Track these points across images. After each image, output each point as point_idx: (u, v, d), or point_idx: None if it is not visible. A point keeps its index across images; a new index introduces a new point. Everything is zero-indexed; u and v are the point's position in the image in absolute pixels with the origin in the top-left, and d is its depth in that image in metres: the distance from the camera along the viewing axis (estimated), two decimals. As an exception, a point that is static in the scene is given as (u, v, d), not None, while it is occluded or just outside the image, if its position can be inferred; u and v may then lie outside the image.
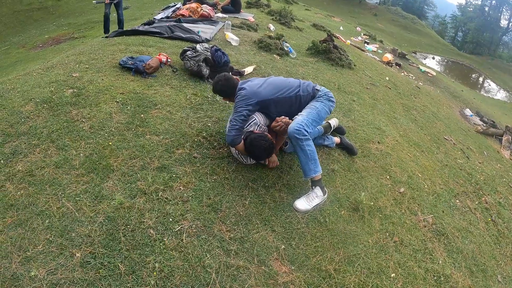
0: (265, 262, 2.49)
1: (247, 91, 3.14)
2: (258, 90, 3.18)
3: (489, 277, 3.49)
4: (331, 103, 3.35)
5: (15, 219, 2.33)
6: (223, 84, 3.29)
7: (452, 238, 3.64)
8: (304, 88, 3.30)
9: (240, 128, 3.06)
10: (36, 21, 19.08)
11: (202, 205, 2.73)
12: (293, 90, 3.26)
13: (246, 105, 3.08)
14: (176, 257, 2.31)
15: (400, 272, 2.90)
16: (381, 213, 3.41)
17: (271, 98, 3.18)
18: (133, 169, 2.88)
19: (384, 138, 4.80)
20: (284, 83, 3.32)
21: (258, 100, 3.13)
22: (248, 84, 3.24)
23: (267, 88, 3.22)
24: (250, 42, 6.67)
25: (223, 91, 3.33)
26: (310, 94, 3.31)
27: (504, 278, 3.64)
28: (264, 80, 3.34)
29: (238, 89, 3.22)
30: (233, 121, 3.06)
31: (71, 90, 3.73)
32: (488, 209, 4.66)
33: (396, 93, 7.48)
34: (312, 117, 3.13)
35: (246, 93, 3.13)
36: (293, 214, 2.97)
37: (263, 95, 3.16)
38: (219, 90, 3.33)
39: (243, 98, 3.11)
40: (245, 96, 3.11)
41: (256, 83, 3.29)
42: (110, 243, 2.29)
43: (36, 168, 2.72)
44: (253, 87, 3.20)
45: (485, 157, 6.67)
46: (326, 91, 3.38)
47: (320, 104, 3.26)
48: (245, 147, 3.11)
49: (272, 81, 3.33)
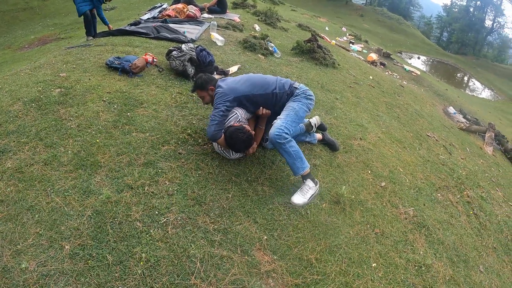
0: (248, 252, 2.59)
1: (224, 88, 3.28)
2: (235, 86, 3.31)
3: (471, 267, 3.62)
4: (309, 101, 3.42)
5: (5, 214, 2.39)
6: (204, 79, 3.44)
7: (433, 230, 3.77)
8: (280, 86, 3.39)
9: (219, 122, 3.16)
10: (21, 21, 18.86)
11: (187, 199, 2.81)
12: (269, 87, 3.36)
13: (224, 101, 3.20)
14: (162, 247, 2.40)
15: (381, 262, 3.01)
16: (362, 206, 3.53)
17: (247, 94, 3.30)
18: (120, 165, 2.95)
19: (366, 134, 4.93)
20: (260, 80, 3.43)
21: (235, 96, 3.25)
22: (225, 82, 3.38)
23: (244, 85, 3.34)
24: (235, 42, 6.76)
25: (203, 84, 3.43)
26: (286, 92, 3.39)
27: (486, 268, 3.78)
28: (241, 77, 3.48)
29: (217, 87, 3.35)
30: (212, 116, 3.18)
31: (58, 89, 3.78)
32: (470, 203, 4.80)
33: (379, 92, 7.63)
34: (290, 119, 3.22)
35: (223, 90, 3.26)
36: (275, 207, 3.07)
37: (240, 91, 3.28)
38: (200, 83, 3.43)
39: (221, 95, 3.24)
40: (222, 93, 3.24)
41: (233, 79, 3.45)
42: (98, 235, 2.37)
43: (25, 165, 2.77)
44: (230, 83, 3.34)
45: (468, 153, 6.84)
46: (304, 89, 3.45)
47: (298, 104, 3.34)
48: (225, 140, 3.21)
49: (249, 78, 3.45)
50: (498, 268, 3.93)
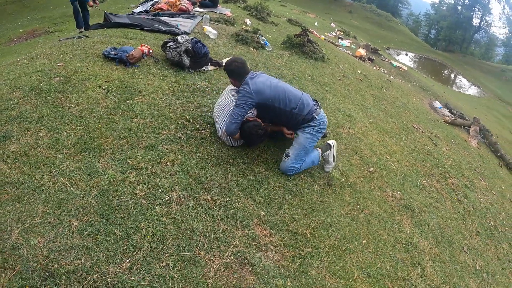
0: (248, 227, 2.77)
1: (252, 88, 3.31)
2: (263, 88, 3.35)
3: (455, 248, 3.87)
4: (321, 133, 3.61)
5: (12, 195, 2.45)
6: (237, 65, 3.45)
7: (419, 212, 3.99)
8: (300, 107, 3.44)
9: (241, 121, 3.30)
10: (10, 14, 18.57)
11: (188, 178, 2.97)
12: (290, 104, 3.41)
13: (248, 102, 3.30)
14: (167, 222, 2.55)
15: (371, 239, 3.23)
16: (352, 189, 3.73)
17: (269, 104, 3.38)
18: (123, 148, 3.07)
19: (355, 124, 5.11)
20: (286, 94, 3.43)
21: (258, 101, 3.34)
22: (255, 81, 3.38)
23: (271, 92, 3.37)
24: (228, 36, 6.87)
25: (234, 71, 3.47)
26: (303, 116, 3.46)
27: (471, 250, 4.03)
28: (272, 81, 3.48)
29: (246, 82, 3.39)
30: (235, 114, 3.28)
31: (57, 78, 3.84)
32: (454, 190, 5.04)
33: (367, 85, 7.83)
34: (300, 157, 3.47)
35: (250, 91, 3.30)
36: (271, 187, 3.25)
37: (265, 97, 3.35)
38: (231, 69, 3.46)
39: (247, 95, 3.30)
40: (248, 93, 3.30)
41: (265, 80, 3.45)
42: (105, 212, 2.49)
43: (29, 149, 2.85)
44: (259, 84, 3.36)
45: (453, 145, 7.08)
46: (322, 120, 3.56)
47: (310, 140, 3.51)
48: (242, 134, 3.36)
49: (275, 86, 3.43)
50: (481, 250, 4.17)
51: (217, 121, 3.52)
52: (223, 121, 3.40)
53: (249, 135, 3.35)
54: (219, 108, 3.56)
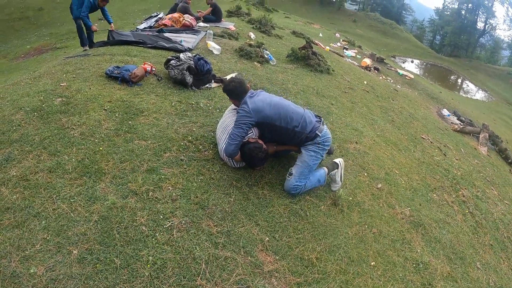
0: (251, 253, 2.67)
1: (251, 107, 3.23)
2: (263, 107, 3.26)
3: (468, 264, 3.72)
4: (324, 151, 3.51)
5: (12, 221, 2.43)
6: (235, 85, 3.40)
7: (429, 229, 3.86)
8: (303, 125, 3.34)
9: (240, 142, 3.23)
10: (17, 31, 18.90)
11: (190, 203, 2.90)
12: (292, 123, 3.31)
13: (247, 122, 3.22)
14: (168, 250, 2.47)
15: (380, 260, 3.11)
16: (360, 207, 3.63)
17: (269, 122, 3.30)
18: (124, 172, 3.02)
19: (362, 138, 5.03)
20: (287, 112, 3.33)
21: (258, 120, 3.26)
22: (254, 100, 3.31)
23: (272, 110, 3.28)
24: (231, 51, 6.86)
25: (233, 91, 3.42)
26: (305, 134, 3.36)
27: (483, 265, 3.88)
28: (272, 99, 3.39)
29: (245, 101, 3.31)
30: (233, 135, 3.21)
31: (60, 99, 3.84)
32: (465, 202, 4.90)
33: (374, 96, 7.75)
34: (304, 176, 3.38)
35: (249, 110, 3.22)
36: (276, 209, 3.16)
37: (264, 115, 3.26)
38: (230, 89, 3.41)
39: (245, 114, 3.22)
40: (247, 112, 3.22)
41: (264, 98, 3.37)
42: (105, 240, 2.43)
43: (30, 173, 2.82)
44: (258, 102, 3.28)
45: (463, 154, 6.95)
46: (325, 137, 3.46)
47: (313, 158, 3.42)
48: (242, 156, 3.30)
49: (278, 105, 3.35)
50: (495, 265, 4.03)
51: (219, 142, 3.46)
52: (225, 142, 3.33)
53: (249, 157, 3.28)
54: (221, 128, 3.50)
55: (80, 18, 7.55)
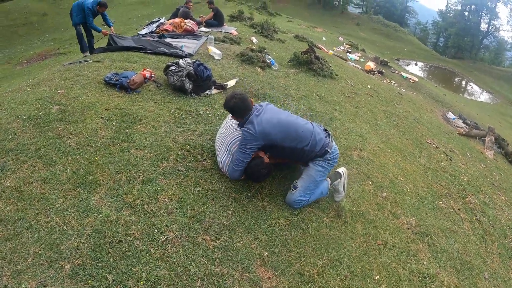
0: (249, 269, 2.57)
1: (257, 129, 3.00)
2: (268, 131, 3.03)
3: (475, 275, 3.60)
4: (332, 167, 3.38)
5: (5, 234, 2.38)
6: (236, 102, 3.10)
7: (436, 239, 3.74)
8: (313, 144, 3.17)
9: (244, 167, 3.11)
10: (21, 36, 19.04)
11: (186, 216, 2.80)
12: (301, 143, 3.14)
13: (252, 146, 3.03)
14: (162, 266, 2.38)
15: (385, 274, 2.99)
16: (364, 218, 3.51)
17: (276, 144, 3.11)
18: (119, 183, 2.94)
19: (366, 145, 4.92)
20: (295, 131, 3.14)
21: (264, 143, 3.05)
22: (260, 119, 3.05)
23: (279, 133, 3.07)
24: (233, 56, 6.79)
25: (234, 109, 3.15)
26: (315, 153, 3.20)
27: (491, 275, 3.75)
28: (279, 119, 3.13)
29: (251, 120, 3.07)
30: (238, 161, 3.05)
31: (57, 106, 3.79)
32: (472, 209, 4.78)
33: (378, 101, 7.65)
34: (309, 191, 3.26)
35: (255, 132, 2.99)
36: (276, 222, 3.05)
37: (270, 138, 3.05)
38: (231, 106, 3.13)
39: (251, 138, 3.00)
40: (253, 135, 2.99)
41: (270, 118, 3.10)
42: (98, 255, 2.35)
43: (24, 184, 2.77)
44: (264, 124, 3.03)
45: (469, 158, 6.83)
46: (335, 153, 3.32)
47: (320, 173, 3.28)
48: (245, 174, 3.20)
49: (284, 124, 3.13)
50: (503, 274, 3.91)
51: (218, 154, 3.36)
52: (225, 154, 3.23)
53: (252, 174, 3.18)
54: (220, 139, 3.39)
55: (79, 24, 7.58)
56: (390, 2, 52.60)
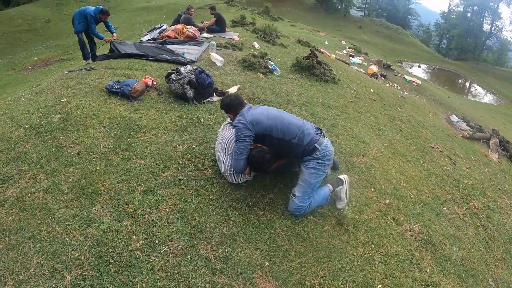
0: (250, 280, 2.56)
1: (248, 119, 3.17)
2: (259, 118, 3.19)
3: (479, 282, 3.55)
4: (326, 167, 3.35)
5: (7, 244, 2.39)
6: (232, 98, 3.40)
7: (439, 246, 3.70)
8: (300, 137, 3.20)
9: (247, 155, 3.15)
10: (25, 42, 19.18)
11: (187, 226, 2.80)
12: (288, 135, 3.20)
13: (248, 134, 3.14)
14: (162, 277, 2.38)
15: (387, 283, 2.96)
16: (366, 226, 3.48)
17: (267, 133, 3.20)
18: (120, 193, 2.95)
19: (369, 150, 4.89)
20: (283, 123, 3.24)
21: (256, 132, 3.17)
22: (251, 112, 3.25)
23: (269, 121, 3.20)
24: (235, 62, 6.80)
25: (229, 105, 3.39)
26: (303, 147, 3.22)
27: (496, 281, 3.70)
28: (269, 111, 3.32)
29: (242, 113, 3.26)
30: (239, 150, 3.12)
31: (59, 115, 3.81)
32: (476, 214, 4.72)
33: (381, 105, 7.62)
34: (307, 195, 3.26)
35: (246, 122, 3.15)
36: (277, 232, 3.04)
37: (261, 128, 3.18)
38: (226, 103, 3.41)
39: (244, 127, 3.14)
40: (244, 125, 3.14)
41: (262, 110, 3.32)
42: (99, 265, 2.36)
43: (27, 194, 2.79)
44: (255, 114, 3.22)
45: (473, 162, 6.77)
46: (325, 151, 3.29)
47: (313, 175, 3.27)
48: (250, 166, 3.21)
49: (276, 117, 3.27)
50: (508, 280, 3.85)
51: (218, 161, 3.38)
52: (225, 157, 3.27)
53: (257, 164, 3.18)
54: (217, 147, 3.44)
55: (81, 32, 7.63)
56: (392, 5, 52.51)
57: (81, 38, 7.68)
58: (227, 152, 3.29)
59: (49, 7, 25.05)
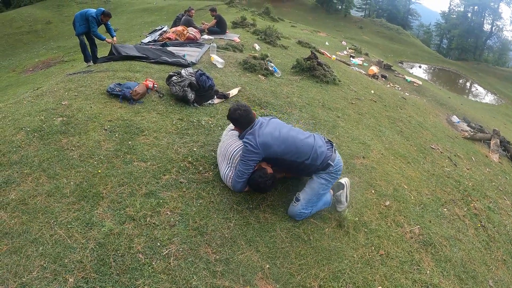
0: (250, 282, 2.58)
1: (258, 141, 3.03)
2: (269, 143, 3.05)
3: (479, 283, 3.56)
4: (335, 180, 3.35)
5: (10, 247, 2.41)
6: (241, 114, 3.17)
7: (439, 247, 3.71)
8: (314, 157, 3.15)
9: (247, 178, 3.12)
10: (26, 44, 19.21)
11: (188, 229, 2.82)
12: (301, 156, 3.14)
13: (254, 158, 3.05)
14: (164, 279, 2.40)
15: (387, 284, 2.97)
16: (366, 228, 3.50)
17: (277, 157, 3.13)
18: (122, 196, 2.97)
19: (369, 152, 4.90)
20: (296, 146, 3.13)
21: (265, 156, 3.08)
22: (262, 132, 3.09)
23: (280, 146, 3.09)
24: (235, 64, 6.81)
25: (238, 120, 3.21)
26: (316, 166, 3.19)
27: (496, 282, 3.71)
28: (279, 133, 3.14)
29: (253, 131, 3.11)
30: (241, 172, 3.09)
31: (60, 118, 3.82)
32: (477, 215, 4.73)
33: (381, 106, 7.62)
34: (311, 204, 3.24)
35: (256, 144, 3.02)
36: (277, 234, 3.06)
37: (272, 152, 3.07)
38: (236, 117, 3.19)
39: (252, 149, 3.02)
40: (254, 148, 3.02)
41: (272, 130, 3.14)
42: (101, 268, 2.37)
43: (29, 197, 2.80)
44: (266, 136, 3.06)
45: (474, 163, 6.77)
46: (338, 166, 3.28)
47: (324, 186, 3.26)
48: (250, 187, 3.19)
49: (285, 138, 3.13)
50: (508, 281, 3.86)
51: (220, 167, 3.37)
52: (227, 167, 3.25)
53: (258, 187, 3.17)
54: (220, 154, 3.40)
55: (82, 34, 7.66)
56: (392, 5, 52.52)
57: (82, 41, 7.70)
58: (231, 164, 3.24)
59: (50, 8, 25.10)
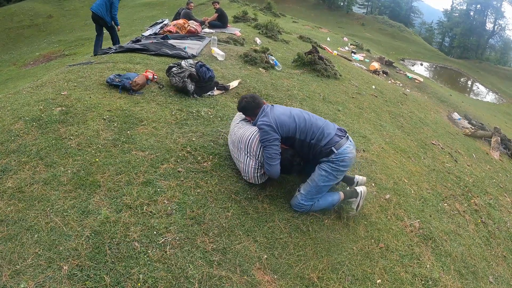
0: (248, 272, 2.54)
1: (272, 121, 3.07)
2: (284, 121, 3.10)
3: (480, 279, 3.54)
4: (338, 173, 3.19)
5: (5, 234, 2.38)
6: (247, 101, 3.27)
7: (440, 242, 3.69)
8: (318, 138, 3.12)
9: (279, 158, 3.09)
10: (27, 38, 19.18)
11: (185, 218, 2.78)
12: (308, 136, 3.14)
13: (276, 137, 3.06)
14: (160, 268, 2.37)
15: (386, 278, 2.95)
16: (366, 220, 3.47)
17: (290, 135, 3.14)
18: (119, 184, 2.93)
19: (370, 146, 4.88)
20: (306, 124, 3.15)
21: (282, 135, 3.10)
22: (274, 113, 3.15)
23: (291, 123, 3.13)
24: (236, 57, 6.78)
25: (246, 107, 3.29)
26: (320, 147, 3.12)
27: (496, 278, 3.69)
28: (290, 112, 3.21)
29: (265, 113, 3.16)
30: (271, 155, 3.06)
31: (59, 108, 3.79)
32: (477, 211, 4.72)
33: (382, 101, 7.60)
34: (310, 196, 3.18)
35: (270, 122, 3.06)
36: (276, 225, 3.03)
37: (285, 129, 3.10)
38: (243, 106, 3.30)
39: (270, 129, 3.05)
40: (270, 127, 3.05)
41: (283, 111, 3.22)
42: (96, 256, 2.34)
43: (26, 185, 2.77)
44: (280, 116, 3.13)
45: (474, 160, 6.75)
46: (342, 155, 3.12)
47: (323, 178, 3.15)
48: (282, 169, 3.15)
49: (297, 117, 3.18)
50: (508, 278, 3.85)
51: (237, 160, 3.31)
52: (248, 158, 3.19)
53: (289, 167, 3.18)
54: (234, 145, 3.33)
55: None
56: (395, 2, 52.45)
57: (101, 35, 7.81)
58: (249, 154, 3.18)
59: (51, 2, 25.01)
